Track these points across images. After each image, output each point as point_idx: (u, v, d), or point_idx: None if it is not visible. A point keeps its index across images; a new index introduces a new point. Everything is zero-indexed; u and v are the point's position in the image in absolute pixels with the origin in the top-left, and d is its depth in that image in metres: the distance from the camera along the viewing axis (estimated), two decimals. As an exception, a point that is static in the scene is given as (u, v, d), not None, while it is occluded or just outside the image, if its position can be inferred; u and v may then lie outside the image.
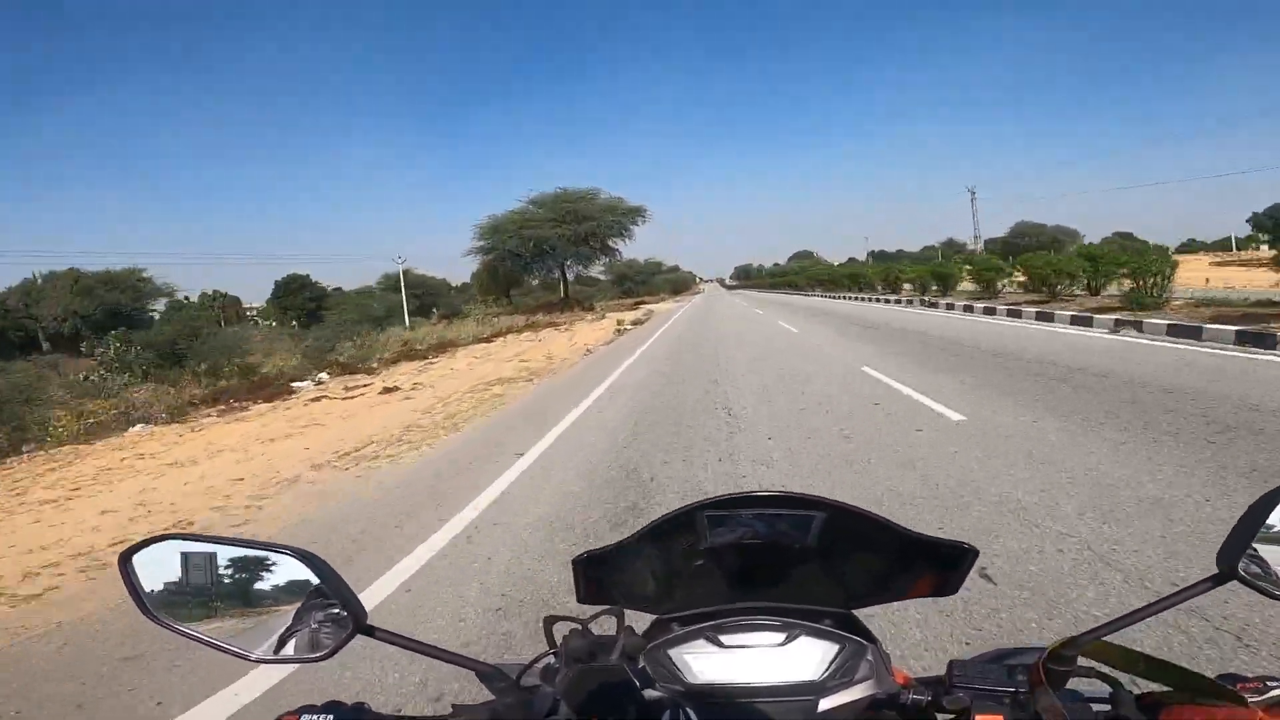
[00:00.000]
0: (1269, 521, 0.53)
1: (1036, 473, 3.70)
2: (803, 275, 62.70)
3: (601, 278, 49.33)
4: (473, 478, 4.78)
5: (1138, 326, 9.99)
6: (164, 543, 0.61)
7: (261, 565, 0.61)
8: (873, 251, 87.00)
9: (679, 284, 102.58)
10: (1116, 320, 10.63)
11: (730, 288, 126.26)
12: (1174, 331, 9.15)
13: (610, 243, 35.41)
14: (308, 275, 50.01)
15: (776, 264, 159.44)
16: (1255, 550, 0.54)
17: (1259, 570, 0.53)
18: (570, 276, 37.09)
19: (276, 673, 2.22)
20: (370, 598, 2.81)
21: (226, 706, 2.13)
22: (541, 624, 0.66)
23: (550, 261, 34.70)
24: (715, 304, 36.61)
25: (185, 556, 0.61)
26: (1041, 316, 13.06)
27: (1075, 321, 11.76)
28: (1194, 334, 8.76)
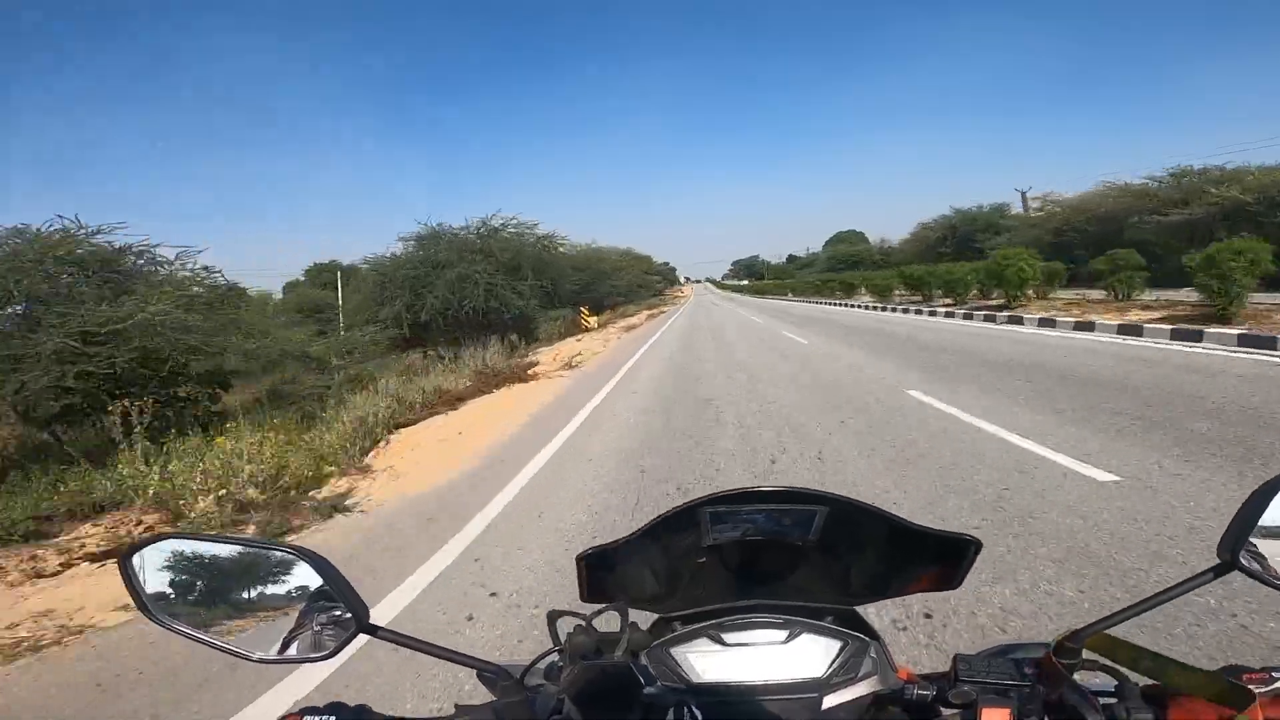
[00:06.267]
0: (1269, 510, 0.53)
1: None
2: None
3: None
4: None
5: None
6: (165, 542, 0.61)
7: (263, 565, 0.61)
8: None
9: (607, 282, 36.98)
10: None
11: (740, 289, 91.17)
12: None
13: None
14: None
15: (793, 256, 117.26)
16: (1254, 543, 0.54)
17: (1259, 560, 0.53)
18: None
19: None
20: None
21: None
22: (545, 617, 0.66)
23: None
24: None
25: (187, 556, 0.61)
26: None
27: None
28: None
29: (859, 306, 27.46)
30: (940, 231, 40.73)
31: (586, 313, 25.56)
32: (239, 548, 0.61)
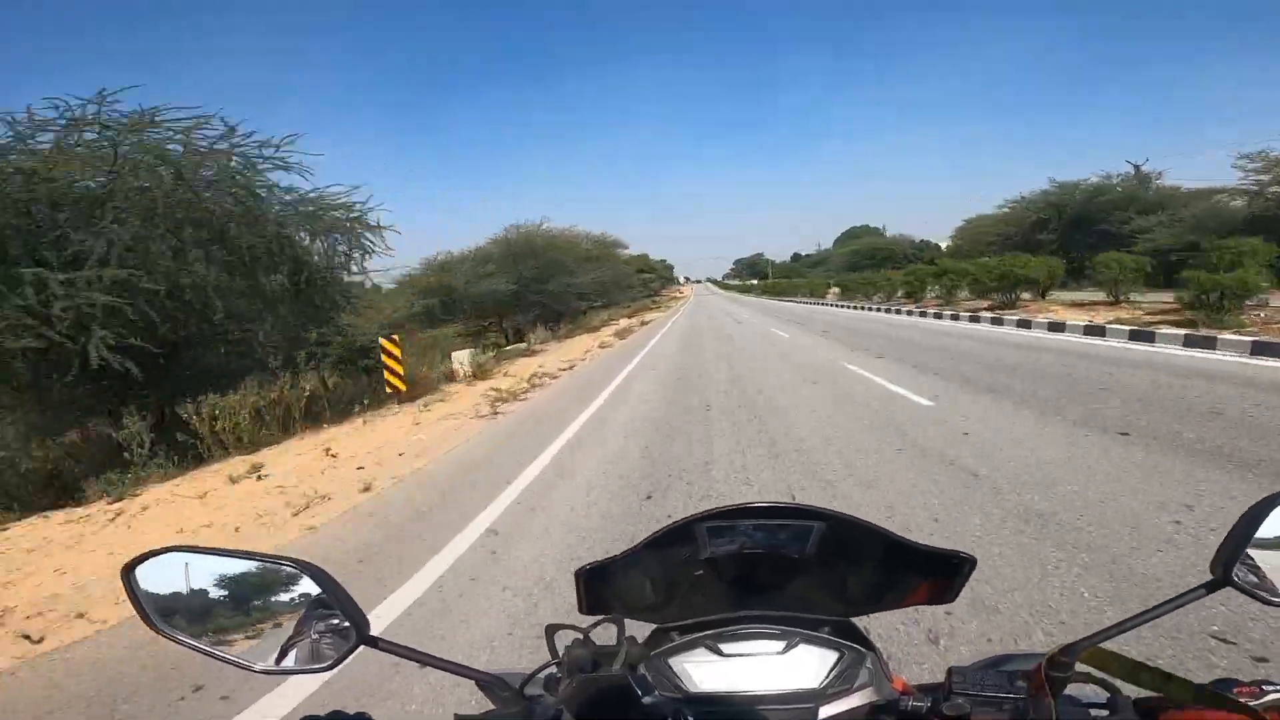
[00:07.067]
0: (1263, 528, 0.53)
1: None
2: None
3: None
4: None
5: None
6: (167, 554, 0.62)
7: (264, 577, 0.61)
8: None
9: (564, 279, 22.58)
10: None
11: (746, 290, 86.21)
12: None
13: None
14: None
15: (798, 254, 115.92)
16: (1250, 557, 0.54)
17: (1253, 577, 0.54)
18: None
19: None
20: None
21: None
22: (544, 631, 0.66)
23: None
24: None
25: (188, 568, 0.62)
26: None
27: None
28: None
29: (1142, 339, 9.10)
30: (1040, 212, 28.77)
31: (393, 349, 9.45)
32: (239, 560, 0.62)
